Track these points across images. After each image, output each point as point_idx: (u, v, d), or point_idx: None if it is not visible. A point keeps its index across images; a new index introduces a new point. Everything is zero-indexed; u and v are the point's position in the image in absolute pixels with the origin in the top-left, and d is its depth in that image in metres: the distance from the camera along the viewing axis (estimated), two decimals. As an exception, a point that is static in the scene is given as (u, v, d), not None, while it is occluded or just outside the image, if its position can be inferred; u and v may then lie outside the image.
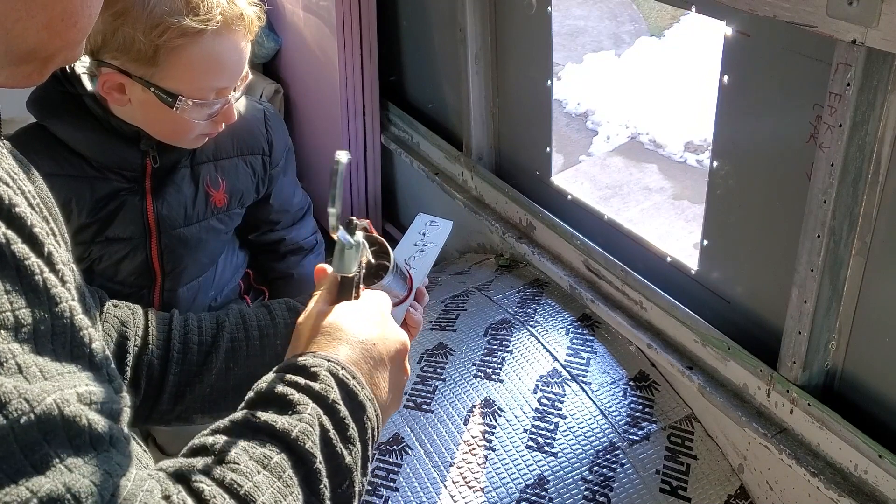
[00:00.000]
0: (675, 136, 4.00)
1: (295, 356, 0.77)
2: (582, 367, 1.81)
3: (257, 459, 0.65)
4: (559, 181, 2.08)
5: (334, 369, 0.75)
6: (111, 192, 1.39)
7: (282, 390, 0.72)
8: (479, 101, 2.15)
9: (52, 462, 0.48)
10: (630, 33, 5.04)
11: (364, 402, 0.75)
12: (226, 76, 1.29)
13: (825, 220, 1.30)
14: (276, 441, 0.68)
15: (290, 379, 0.73)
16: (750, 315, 1.59)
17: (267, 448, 0.67)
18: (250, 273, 1.71)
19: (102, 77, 1.26)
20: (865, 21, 1.13)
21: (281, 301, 1.16)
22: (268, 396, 0.72)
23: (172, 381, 1.06)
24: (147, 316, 1.08)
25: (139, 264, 1.45)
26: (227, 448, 0.66)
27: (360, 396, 0.75)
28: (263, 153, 1.54)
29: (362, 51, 2.47)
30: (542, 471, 1.62)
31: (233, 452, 0.65)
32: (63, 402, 0.50)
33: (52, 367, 0.51)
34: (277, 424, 0.68)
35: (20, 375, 0.49)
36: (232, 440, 0.67)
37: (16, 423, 0.47)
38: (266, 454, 0.66)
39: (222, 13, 1.22)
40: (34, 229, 0.54)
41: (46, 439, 0.49)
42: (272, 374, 0.75)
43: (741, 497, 1.64)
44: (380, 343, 0.81)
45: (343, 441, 0.71)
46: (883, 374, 1.36)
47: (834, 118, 1.23)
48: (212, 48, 1.24)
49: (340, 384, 0.74)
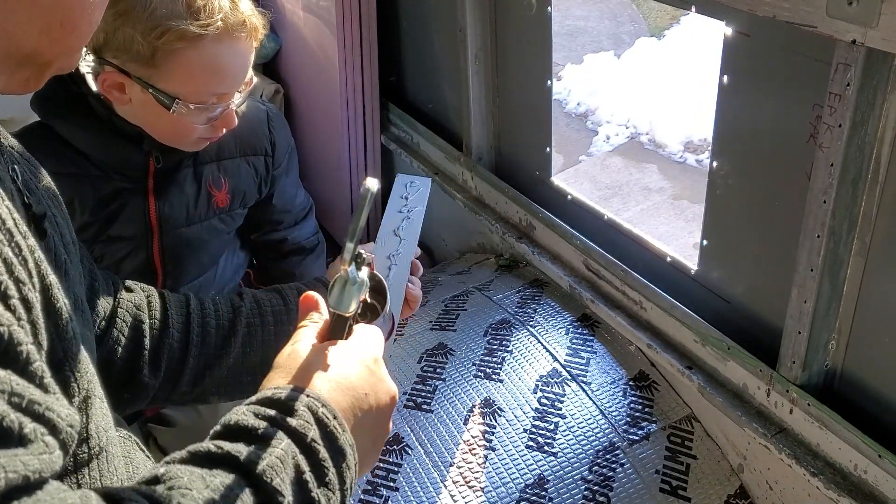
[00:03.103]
0: (674, 136, 4.01)
1: (270, 389, 0.68)
2: (582, 366, 1.81)
3: (214, 488, 0.56)
4: (559, 181, 2.08)
5: (314, 406, 0.66)
6: (114, 192, 1.39)
7: (252, 423, 0.63)
8: (479, 101, 2.15)
9: None
10: (630, 33, 5.04)
11: (345, 447, 0.66)
12: (226, 82, 1.29)
13: (825, 220, 1.30)
14: (240, 474, 0.59)
15: (262, 412, 0.64)
16: (750, 315, 1.59)
17: (229, 479, 0.58)
18: (251, 273, 1.71)
19: (103, 75, 1.27)
20: (865, 21, 1.13)
21: (293, 286, 1.17)
22: (235, 430, 0.63)
23: (192, 364, 1.06)
24: (164, 298, 1.09)
25: (140, 264, 1.46)
26: (181, 474, 0.57)
27: (341, 441, 0.66)
28: (266, 154, 1.54)
29: (362, 51, 2.47)
30: (541, 471, 1.62)
31: (186, 479, 0.56)
32: None
33: None
34: (242, 456, 0.59)
35: None
36: (188, 469, 0.58)
37: None
38: (226, 483, 0.57)
39: (224, 19, 1.22)
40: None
41: None
42: (242, 406, 0.66)
43: (741, 497, 1.64)
44: (371, 393, 0.72)
45: (320, 486, 0.62)
46: (883, 373, 1.37)
47: (834, 118, 1.23)
48: (212, 53, 1.24)
49: (319, 423, 0.65)
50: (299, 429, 0.63)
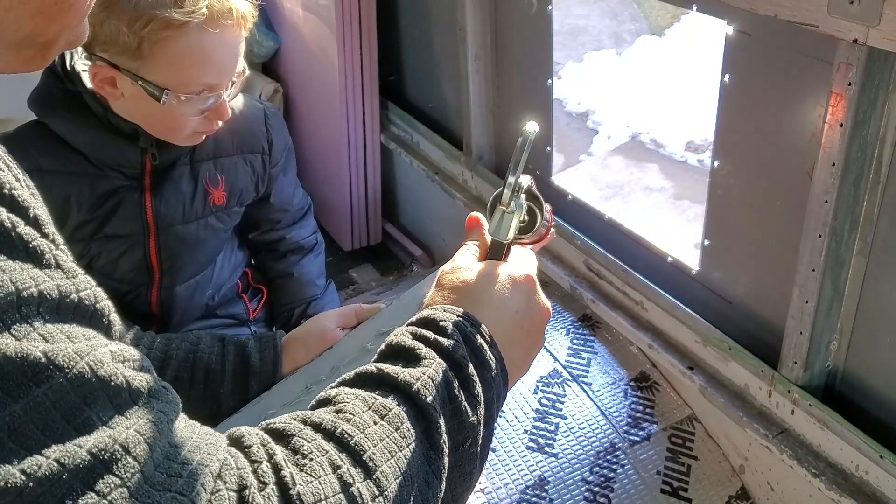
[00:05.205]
0: (676, 136, 4.00)
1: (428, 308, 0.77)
2: (582, 367, 1.81)
3: (376, 410, 0.65)
4: (559, 181, 2.07)
5: (463, 325, 0.74)
6: (111, 190, 1.39)
7: (409, 344, 0.72)
8: (480, 101, 2.15)
9: (95, 423, 0.48)
10: (631, 32, 5.03)
11: (489, 361, 0.74)
12: (214, 71, 1.28)
13: (826, 219, 1.29)
14: (398, 393, 0.67)
15: (419, 333, 0.73)
16: (751, 315, 1.58)
17: (388, 399, 0.66)
18: (249, 272, 1.71)
19: (93, 70, 1.26)
20: (867, 20, 1.12)
21: (240, 344, 1.16)
22: (397, 350, 0.72)
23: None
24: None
25: (137, 261, 1.45)
26: (346, 399, 0.66)
27: (487, 356, 0.74)
28: (263, 152, 1.54)
29: (362, 50, 2.46)
30: (542, 472, 1.62)
31: (351, 403, 0.65)
32: (96, 363, 0.49)
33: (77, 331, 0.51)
34: (399, 377, 0.68)
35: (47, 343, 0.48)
36: (354, 391, 0.67)
37: (50, 391, 0.47)
38: (385, 405, 0.65)
39: (209, 6, 1.21)
40: (36, 211, 0.53)
41: (87, 402, 0.48)
42: (404, 327, 0.75)
43: (742, 498, 1.63)
44: (521, 310, 0.80)
45: (468, 398, 0.70)
46: (884, 374, 1.36)
47: (835, 118, 1.23)
48: (198, 42, 1.23)
49: (467, 340, 0.73)
50: (450, 348, 0.72)
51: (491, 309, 0.78)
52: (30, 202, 0.53)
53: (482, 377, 0.73)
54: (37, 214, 0.53)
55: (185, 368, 1.09)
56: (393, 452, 0.62)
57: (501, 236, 0.83)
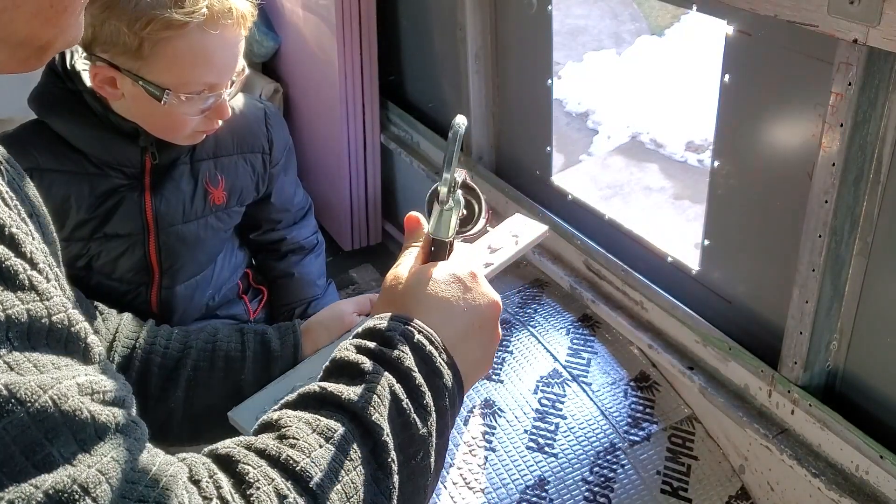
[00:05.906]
0: (675, 136, 4.00)
1: (372, 318, 0.75)
2: (582, 367, 1.81)
3: (320, 432, 0.63)
4: (559, 181, 2.07)
5: (409, 333, 0.72)
6: (110, 189, 1.39)
7: (353, 358, 0.69)
8: (479, 101, 2.14)
9: (56, 460, 0.47)
10: (631, 32, 5.03)
11: (440, 367, 0.72)
12: (214, 71, 1.28)
13: (826, 219, 1.29)
14: (343, 412, 0.65)
15: (363, 346, 0.71)
16: (751, 315, 1.58)
17: (332, 421, 0.64)
18: (249, 272, 1.71)
19: (93, 70, 1.26)
20: (867, 20, 1.12)
21: (259, 331, 1.16)
22: (341, 365, 0.70)
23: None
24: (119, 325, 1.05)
25: (137, 261, 1.45)
26: (289, 423, 0.63)
27: (437, 362, 0.72)
28: (263, 151, 1.54)
29: (362, 50, 2.46)
30: (542, 472, 1.62)
31: (294, 427, 0.63)
32: (60, 397, 0.48)
33: (46, 360, 0.50)
34: (343, 395, 0.66)
35: (12, 373, 0.47)
36: (297, 414, 0.65)
37: (10, 426, 0.46)
38: (330, 426, 0.63)
39: (209, 6, 1.21)
40: (11, 229, 0.52)
41: (48, 438, 0.47)
42: (348, 340, 0.73)
43: (742, 498, 1.63)
44: (469, 308, 0.77)
45: (417, 409, 0.68)
46: (884, 374, 1.36)
47: (835, 118, 1.23)
48: (198, 41, 1.23)
49: (415, 349, 0.71)
50: (396, 359, 0.69)
51: (438, 312, 0.76)
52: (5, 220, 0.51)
53: (433, 386, 0.71)
54: (13, 233, 0.51)
55: (205, 357, 1.09)
56: (340, 477, 0.61)
57: (442, 235, 0.81)
